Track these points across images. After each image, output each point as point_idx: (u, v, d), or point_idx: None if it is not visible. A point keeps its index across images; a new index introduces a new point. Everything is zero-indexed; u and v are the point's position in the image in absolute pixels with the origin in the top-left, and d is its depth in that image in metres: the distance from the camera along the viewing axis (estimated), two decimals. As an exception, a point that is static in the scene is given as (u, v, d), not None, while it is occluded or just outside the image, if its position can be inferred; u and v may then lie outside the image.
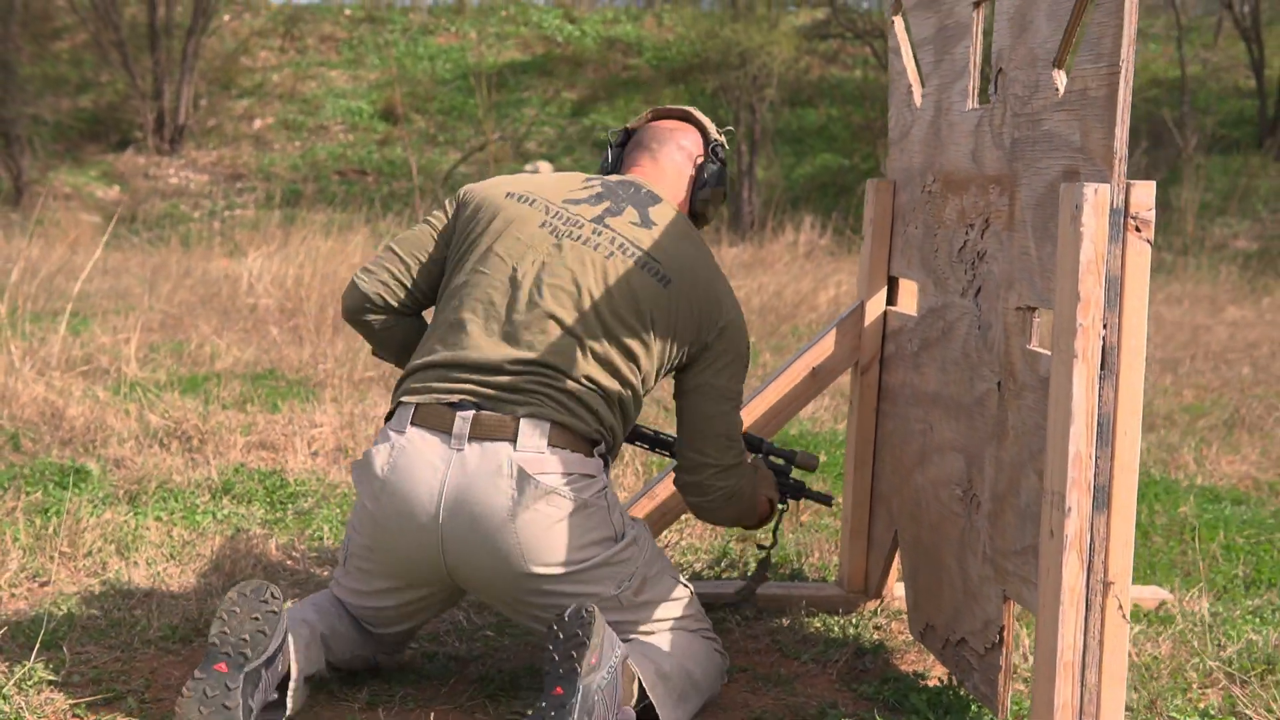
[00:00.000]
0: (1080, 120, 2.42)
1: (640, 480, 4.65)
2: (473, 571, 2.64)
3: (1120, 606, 2.38)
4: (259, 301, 8.02)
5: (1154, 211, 2.35)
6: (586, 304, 2.74)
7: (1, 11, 17.18)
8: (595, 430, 2.71)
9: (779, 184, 17.15)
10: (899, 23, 3.47)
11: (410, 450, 2.65)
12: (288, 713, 2.60)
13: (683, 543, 4.08)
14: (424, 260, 2.91)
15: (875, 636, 3.35)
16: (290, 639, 2.60)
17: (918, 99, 3.31)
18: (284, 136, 18.93)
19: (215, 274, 9.48)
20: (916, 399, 3.23)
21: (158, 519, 4.05)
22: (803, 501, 4.19)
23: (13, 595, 3.43)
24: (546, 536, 2.60)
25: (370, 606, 2.78)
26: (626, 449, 4.82)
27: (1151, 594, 3.65)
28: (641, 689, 2.57)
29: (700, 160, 3.07)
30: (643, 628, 2.74)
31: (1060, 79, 2.52)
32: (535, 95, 20.01)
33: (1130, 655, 3.17)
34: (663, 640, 2.73)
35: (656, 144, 3.05)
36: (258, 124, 19.23)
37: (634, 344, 2.76)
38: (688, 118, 3.12)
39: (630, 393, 2.78)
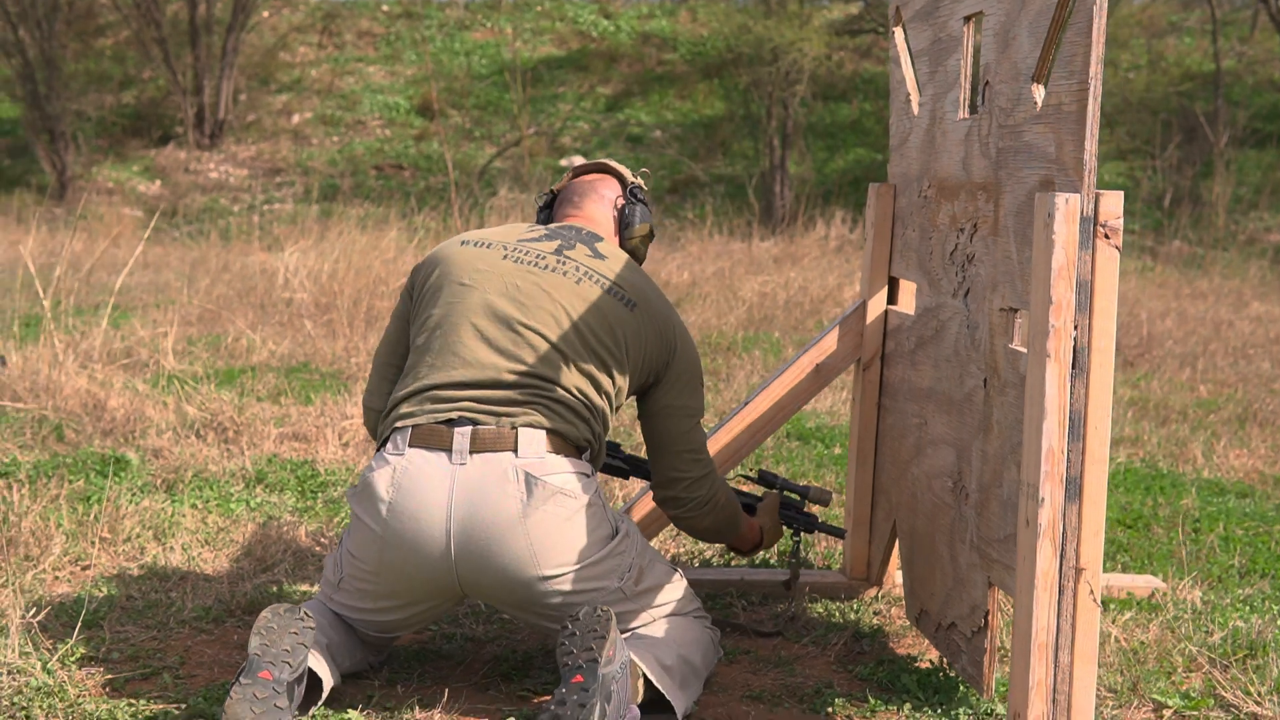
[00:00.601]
0: (1055, 133, 2.57)
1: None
2: (485, 580, 2.76)
3: (1091, 591, 2.52)
4: (294, 296, 8.22)
5: (1122, 220, 2.48)
6: (566, 322, 2.91)
7: (46, 10, 17.47)
8: (584, 438, 2.88)
9: (811, 179, 17.27)
10: (899, 34, 3.61)
11: (413, 470, 2.76)
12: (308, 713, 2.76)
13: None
14: (405, 351, 3.08)
15: (874, 621, 3.50)
16: (314, 668, 2.73)
17: (915, 107, 3.45)
18: (322, 131, 19.17)
19: (253, 268, 9.68)
20: (913, 395, 3.38)
21: (193, 506, 4.23)
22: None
23: (56, 578, 3.62)
24: (556, 536, 2.75)
25: (374, 620, 2.89)
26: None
27: (1145, 582, 3.78)
28: (648, 684, 2.72)
29: (621, 203, 3.26)
30: (643, 615, 2.89)
31: (1039, 93, 2.66)
32: (570, 90, 20.17)
33: (1119, 641, 3.32)
34: (660, 629, 2.89)
35: (578, 197, 3.27)
36: (296, 119, 19.47)
37: (610, 361, 2.93)
38: (604, 169, 3.32)
39: (607, 405, 2.95)
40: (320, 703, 2.76)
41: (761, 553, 3.79)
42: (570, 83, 20.44)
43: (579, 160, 18.46)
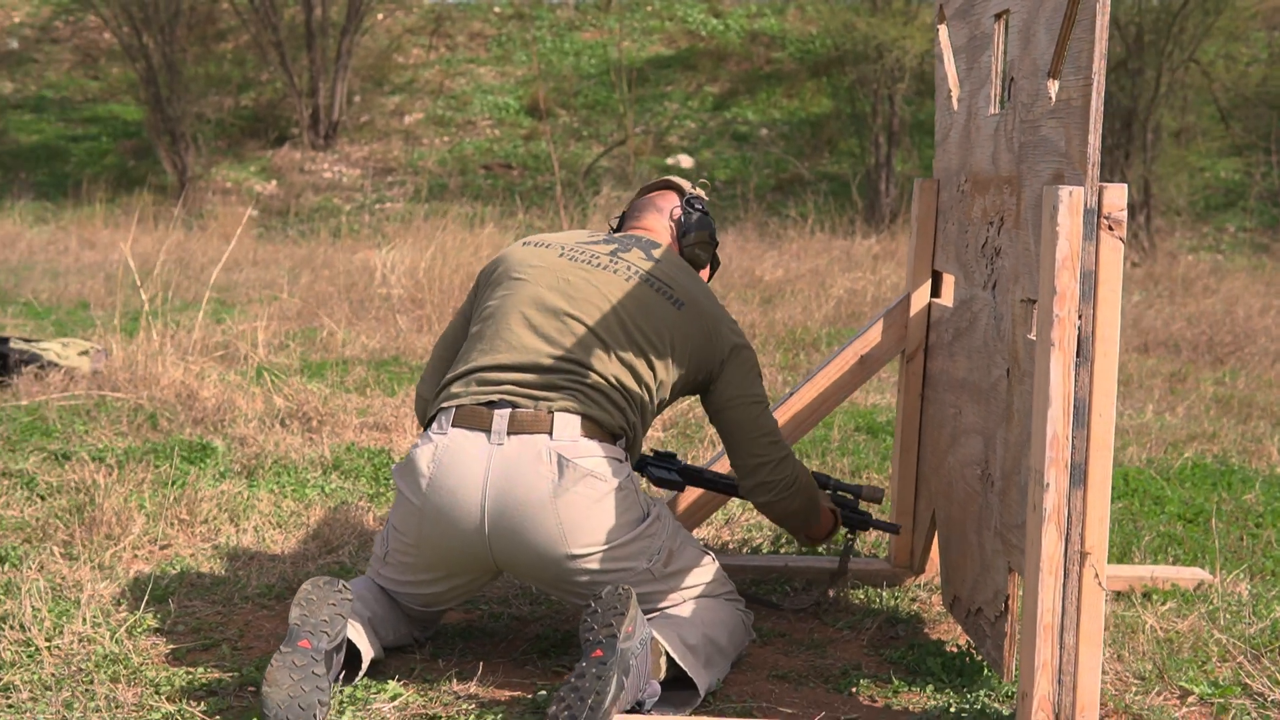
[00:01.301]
0: (1065, 127, 2.63)
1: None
2: (517, 556, 2.90)
3: (1096, 575, 2.58)
4: (390, 292, 8.44)
5: (1126, 212, 2.54)
6: (610, 314, 3.06)
7: (169, 16, 17.97)
8: (619, 426, 3.01)
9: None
10: (943, 31, 3.67)
11: (454, 448, 2.92)
12: (351, 682, 2.91)
13: (746, 518, 4.32)
14: (462, 342, 3.27)
15: (912, 608, 3.57)
16: (350, 631, 2.88)
17: (955, 103, 3.52)
18: (433, 132, 19.49)
19: (355, 265, 9.94)
20: (950, 385, 3.44)
21: (270, 491, 4.42)
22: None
23: (135, 556, 3.82)
24: (586, 517, 2.88)
25: (416, 594, 3.05)
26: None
27: (1190, 575, 3.80)
28: (670, 661, 2.83)
29: (678, 213, 3.42)
30: (672, 596, 3.01)
31: (1054, 88, 2.72)
32: (677, 89, 20.28)
33: (1155, 630, 3.36)
34: (689, 610, 3.00)
35: (639, 212, 3.46)
36: (408, 120, 19.82)
37: (653, 353, 3.07)
38: (666, 185, 3.50)
39: (648, 396, 3.08)
40: (361, 673, 2.90)
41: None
42: (678, 82, 20.54)
43: (685, 160, 18.57)
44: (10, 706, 2.72)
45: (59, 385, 5.83)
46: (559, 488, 2.87)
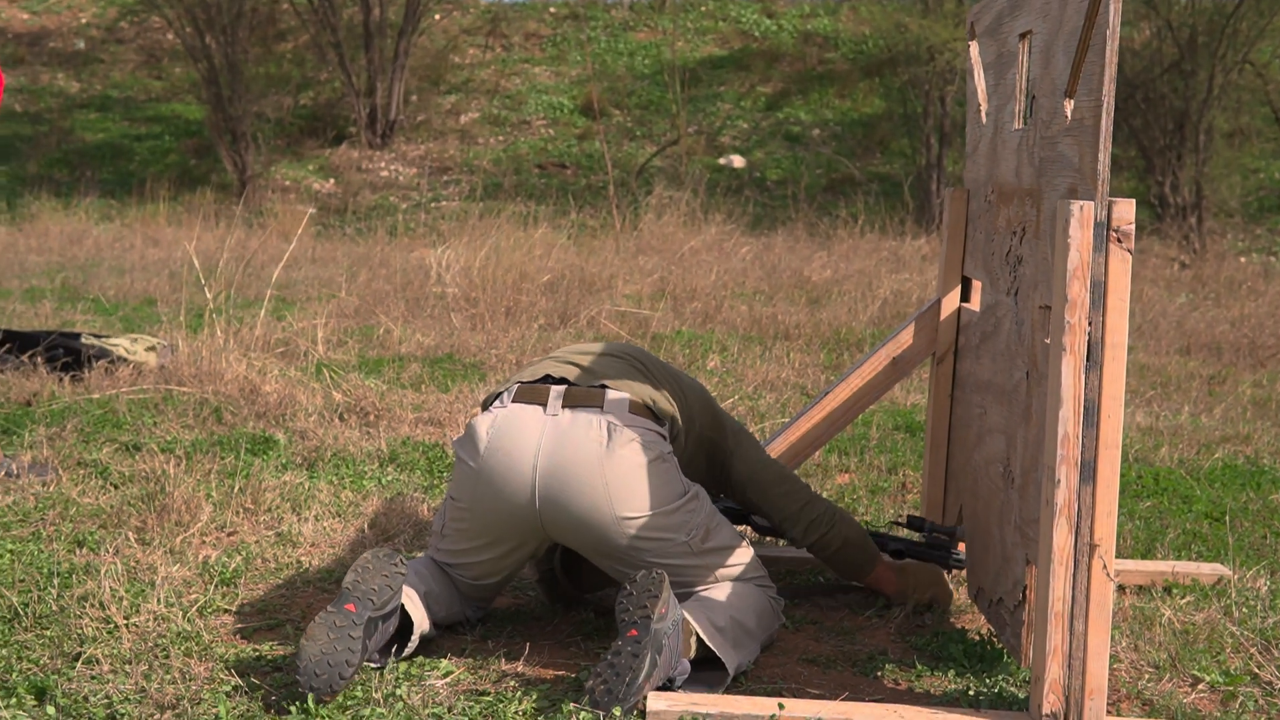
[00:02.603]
0: (1079, 144, 2.79)
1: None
2: (563, 517, 3.11)
3: (1105, 566, 2.74)
4: (445, 290, 8.66)
5: (1134, 225, 2.70)
6: (636, 363, 3.38)
7: (231, 18, 18.33)
8: (664, 413, 3.26)
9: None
10: (974, 47, 3.83)
11: (511, 417, 3.17)
12: (405, 654, 3.12)
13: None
14: None
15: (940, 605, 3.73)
16: (406, 601, 3.11)
17: (983, 117, 3.68)
18: (488, 131, 19.76)
19: (411, 264, 10.17)
20: (976, 386, 3.61)
21: (329, 482, 4.64)
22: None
23: (203, 542, 4.04)
24: (631, 480, 3.09)
25: (468, 563, 3.26)
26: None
27: (1211, 570, 3.94)
28: (700, 642, 3.02)
29: None
30: (706, 574, 3.20)
31: (1069, 107, 2.88)
32: (730, 90, 20.46)
33: (1172, 622, 3.51)
34: (719, 593, 3.18)
35: None
36: (464, 119, 20.10)
37: (674, 396, 3.34)
38: None
39: (674, 423, 3.32)
40: (413, 644, 3.11)
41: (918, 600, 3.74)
42: (731, 82, 20.71)
43: (737, 160, 18.73)
44: (93, 678, 2.94)
45: (128, 379, 6.09)
46: (607, 451, 3.09)
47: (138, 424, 5.39)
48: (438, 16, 21.61)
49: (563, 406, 3.16)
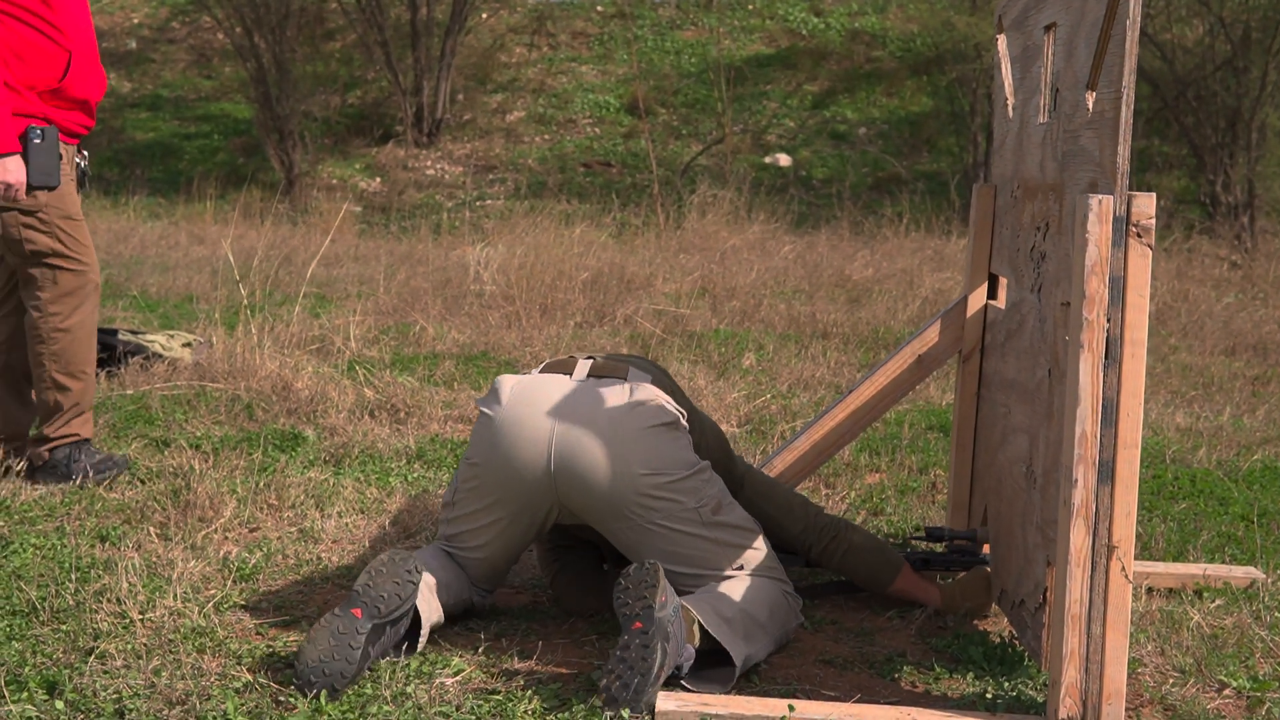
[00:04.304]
0: (1099, 138, 2.73)
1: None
2: (576, 471, 3.10)
3: (1123, 568, 2.68)
4: (484, 288, 8.65)
5: (1154, 220, 2.64)
6: (660, 375, 3.39)
7: (279, 17, 18.42)
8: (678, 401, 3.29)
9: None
10: (1002, 41, 3.78)
11: (537, 379, 3.23)
12: (416, 650, 3.10)
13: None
14: None
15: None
16: (418, 605, 3.08)
17: (1010, 111, 3.62)
18: (534, 130, 19.76)
19: (451, 262, 10.18)
20: (1001, 385, 3.55)
21: (355, 479, 4.63)
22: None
23: (226, 538, 4.04)
24: (646, 439, 3.12)
25: (472, 529, 3.25)
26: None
27: (1244, 573, 3.86)
28: (705, 633, 2.98)
29: None
30: (715, 552, 3.18)
31: (1091, 100, 2.83)
32: (777, 88, 20.36)
33: (1200, 626, 3.44)
34: (730, 587, 3.15)
35: None
36: (510, 118, 20.11)
37: (691, 417, 3.34)
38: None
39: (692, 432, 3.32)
40: (423, 638, 3.09)
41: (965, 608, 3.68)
42: (778, 80, 20.62)
43: (783, 159, 18.65)
44: (105, 672, 2.94)
45: (162, 375, 6.11)
46: (625, 408, 3.13)
47: (169, 420, 5.41)
48: (484, 15, 21.63)
49: (589, 375, 3.23)
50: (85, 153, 4.72)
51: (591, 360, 3.30)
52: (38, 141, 4.35)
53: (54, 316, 4.49)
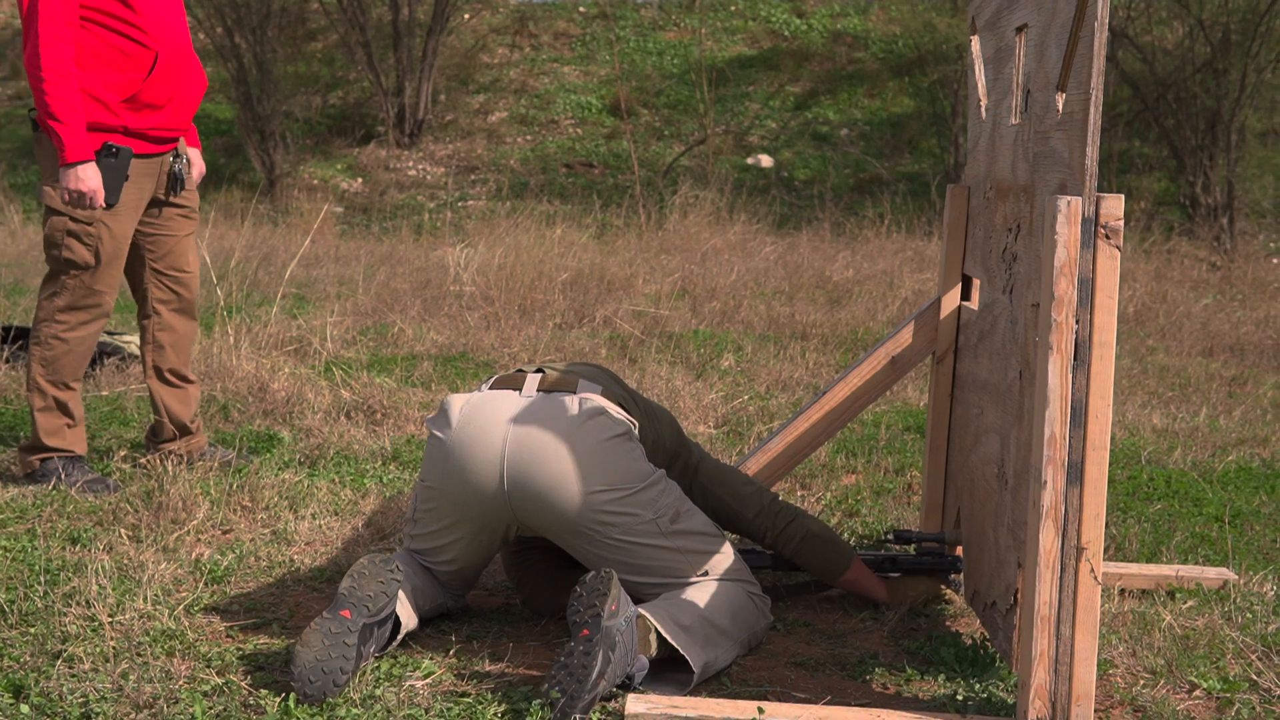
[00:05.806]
0: (1069, 139, 2.73)
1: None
2: (529, 489, 3.08)
3: (1092, 570, 2.69)
4: (463, 289, 8.64)
5: (1122, 221, 2.64)
6: (607, 377, 3.39)
7: (260, 17, 18.38)
8: (630, 412, 3.28)
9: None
10: (975, 42, 3.78)
11: (486, 398, 3.20)
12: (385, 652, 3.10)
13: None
14: None
15: (936, 602, 3.68)
16: (398, 605, 3.08)
17: (983, 112, 3.62)
18: (516, 130, 19.74)
19: (431, 262, 10.16)
20: (974, 386, 3.55)
21: (329, 480, 4.62)
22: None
23: (198, 540, 4.02)
24: (598, 453, 3.09)
25: (438, 546, 3.24)
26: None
27: (1216, 574, 3.87)
28: (663, 640, 2.97)
29: None
30: (678, 560, 3.17)
31: (1061, 101, 2.83)
32: (759, 89, 20.37)
33: (1172, 627, 3.45)
34: (691, 593, 3.14)
35: None
36: (492, 118, 20.09)
37: (642, 412, 3.36)
38: None
39: (644, 431, 3.33)
40: (398, 641, 3.08)
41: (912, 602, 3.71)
42: (759, 81, 20.63)
43: (765, 160, 18.66)
44: (73, 675, 2.92)
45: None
46: (575, 421, 3.11)
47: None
48: (466, 16, 21.60)
49: (537, 390, 3.21)
50: (184, 156, 4.64)
51: (540, 374, 3.28)
52: (110, 159, 4.33)
53: (59, 324, 4.48)
